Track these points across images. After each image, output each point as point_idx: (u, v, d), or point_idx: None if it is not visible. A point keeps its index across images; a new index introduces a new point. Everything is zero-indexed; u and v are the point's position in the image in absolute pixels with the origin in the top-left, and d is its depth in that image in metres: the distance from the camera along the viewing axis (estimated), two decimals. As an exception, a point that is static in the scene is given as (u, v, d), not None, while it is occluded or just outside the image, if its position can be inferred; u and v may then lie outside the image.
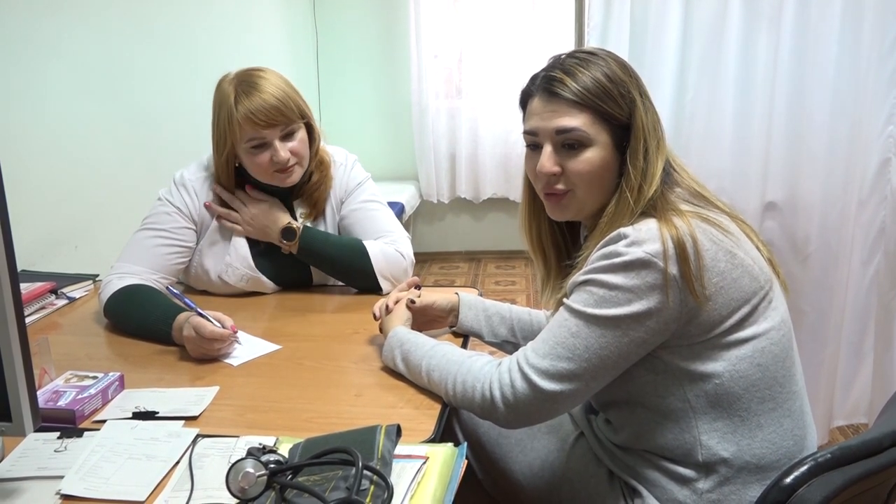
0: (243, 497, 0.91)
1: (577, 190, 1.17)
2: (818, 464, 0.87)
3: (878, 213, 2.26)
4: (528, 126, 1.20)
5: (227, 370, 1.38)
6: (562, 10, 4.03)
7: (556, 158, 1.17)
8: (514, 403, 1.11)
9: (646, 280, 1.05)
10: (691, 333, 1.08)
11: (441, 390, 1.21)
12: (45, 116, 2.15)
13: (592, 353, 1.08)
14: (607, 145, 1.15)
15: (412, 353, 1.27)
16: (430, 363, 1.23)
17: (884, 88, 2.15)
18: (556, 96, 1.15)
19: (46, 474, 1.02)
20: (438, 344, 1.27)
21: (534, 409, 1.12)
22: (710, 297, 1.06)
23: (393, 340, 1.33)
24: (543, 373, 1.09)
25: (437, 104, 4.63)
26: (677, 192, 1.17)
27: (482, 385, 1.14)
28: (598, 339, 1.07)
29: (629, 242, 1.06)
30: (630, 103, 1.15)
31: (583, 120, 1.14)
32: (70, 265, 2.05)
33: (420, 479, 0.95)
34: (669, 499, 1.13)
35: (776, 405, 1.11)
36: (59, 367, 1.32)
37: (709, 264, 1.06)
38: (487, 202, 4.79)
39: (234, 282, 1.74)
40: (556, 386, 1.09)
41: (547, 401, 1.10)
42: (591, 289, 1.09)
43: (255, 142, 1.62)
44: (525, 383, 1.10)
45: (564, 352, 1.09)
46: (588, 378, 1.09)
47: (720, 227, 1.11)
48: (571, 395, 1.10)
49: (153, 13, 2.74)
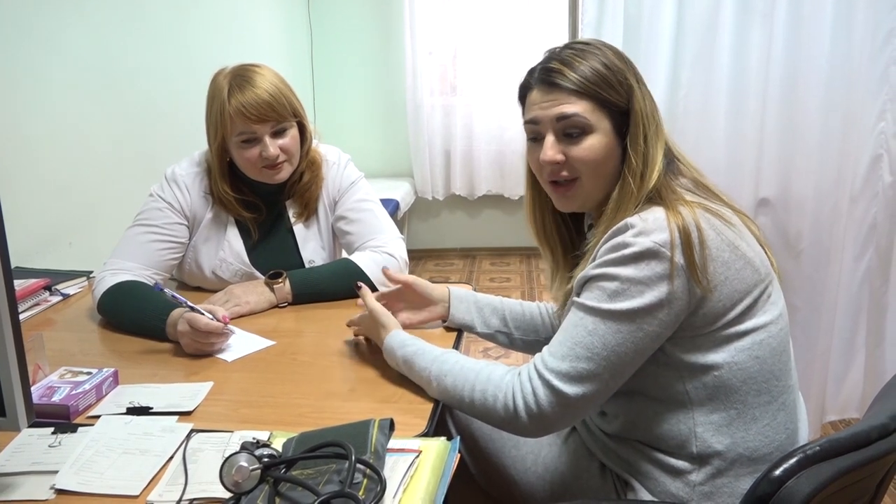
0: (237, 491, 0.91)
1: (582, 178, 1.17)
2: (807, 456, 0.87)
3: (870, 208, 2.27)
4: (528, 116, 1.20)
5: (221, 365, 1.38)
6: (556, 6, 4.03)
7: (559, 146, 1.17)
8: (538, 413, 1.08)
9: (655, 270, 1.05)
10: (695, 325, 1.09)
11: (454, 399, 1.17)
12: (39, 113, 2.15)
13: (610, 351, 1.06)
14: (608, 132, 1.16)
15: (418, 357, 1.23)
16: (442, 369, 1.19)
17: (875, 85, 2.16)
18: (555, 86, 1.15)
19: (41, 469, 1.02)
20: (446, 351, 1.23)
21: (558, 417, 1.09)
22: (715, 287, 1.07)
23: (393, 342, 1.29)
24: (564, 375, 1.07)
25: (432, 101, 4.63)
26: (681, 181, 1.17)
27: (504, 396, 1.11)
28: (615, 334, 1.06)
29: (636, 232, 1.06)
30: (628, 90, 1.16)
31: (583, 107, 1.15)
32: (64, 262, 2.05)
33: (413, 473, 0.96)
34: (662, 491, 1.13)
35: (772, 398, 1.12)
36: (54, 362, 1.32)
37: (713, 254, 1.07)
38: (482, 199, 4.79)
39: (229, 277, 1.74)
40: (579, 389, 1.07)
41: (570, 406, 1.08)
42: (603, 283, 1.08)
43: (244, 136, 1.62)
44: (547, 390, 1.08)
45: (583, 351, 1.07)
46: (608, 377, 1.08)
47: (723, 218, 1.11)
48: (593, 397, 1.08)
49: (148, 10, 2.74)
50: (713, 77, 2.19)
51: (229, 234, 1.75)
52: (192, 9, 3.11)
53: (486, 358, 3.14)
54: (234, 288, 1.65)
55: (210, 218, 1.74)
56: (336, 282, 1.68)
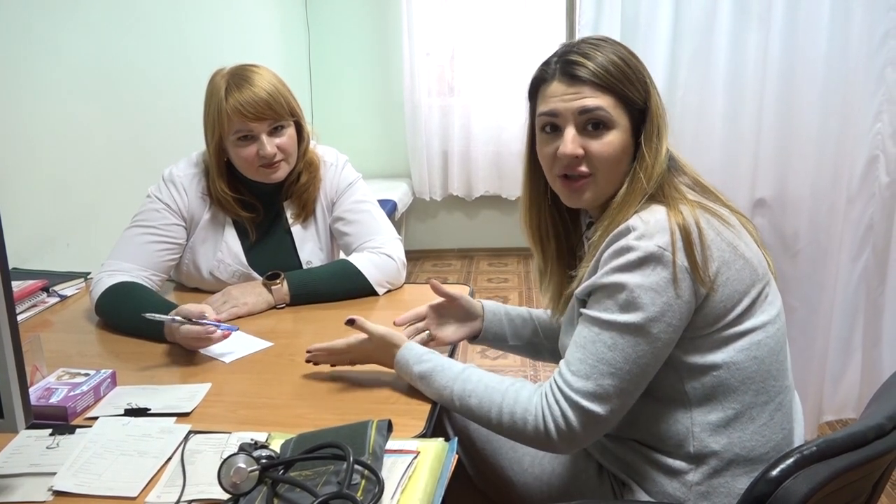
0: (235, 492, 0.92)
1: (598, 174, 1.16)
2: (804, 456, 0.87)
3: (867, 209, 2.28)
4: (546, 108, 1.17)
5: (219, 367, 1.38)
6: (553, 8, 4.03)
7: (580, 140, 1.15)
8: (569, 434, 1.08)
9: (662, 275, 1.05)
10: (697, 326, 1.09)
11: (481, 419, 1.16)
12: (37, 114, 2.15)
13: (632, 364, 1.06)
14: (626, 129, 1.15)
15: (437, 374, 1.20)
16: (465, 388, 1.16)
17: (872, 85, 2.16)
18: (578, 78, 1.14)
19: (39, 471, 1.02)
20: (467, 367, 1.21)
21: (589, 435, 1.09)
22: (718, 286, 1.07)
23: (409, 355, 1.24)
24: (591, 395, 1.06)
25: (430, 102, 4.63)
26: (683, 179, 1.17)
27: (535, 418, 1.10)
28: (634, 347, 1.06)
29: (638, 235, 1.06)
30: (646, 87, 1.16)
31: (606, 101, 1.13)
32: (62, 263, 2.05)
33: (411, 474, 0.96)
34: (659, 491, 1.14)
35: (769, 398, 1.12)
36: (51, 364, 1.32)
37: (714, 254, 1.07)
38: (480, 199, 4.79)
39: (226, 278, 1.74)
40: (607, 406, 1.06)
41: (601, 423, 1.08)
42: (613, 293, 1.07)
43: (241, 133, 1.62)
44: (577, 411, 1.07)
45: (606, 368, 1.06)
46: (631, 390, 1.08)
47: (721, 218, 1.12)
48: (621, 411, 1.09)
49: (145, 11, 2.74)
50: (710, 78, 2.19)
51: (227, 235, 1.75)
52: (190, 10, 3.11)
53: (483, 359, 3.16)
54: (232, 289, 1.65)
55: (207, 219, 1.74)
56: (334, 283, 1.68)
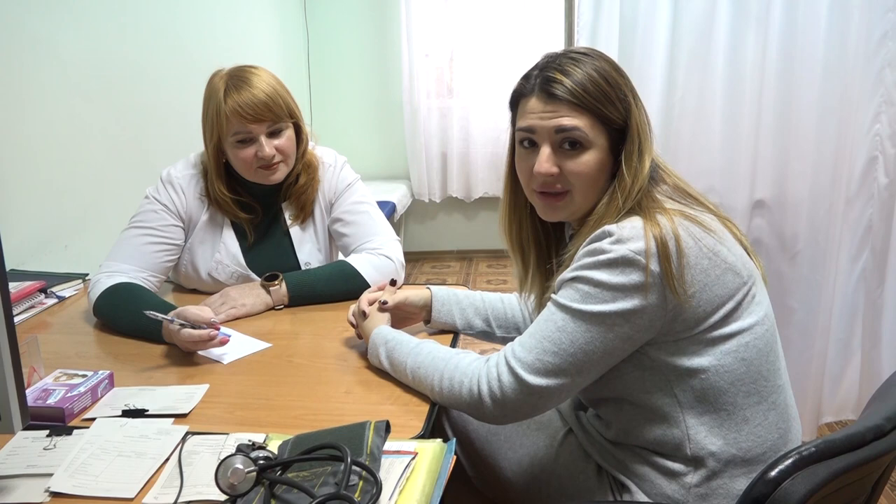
0: (233, 493, 0.91)
1: (575, 192, 1.17)
2: (802, 457, 0.87)
3: (866, 210, 2.28)
4: (524, 124, 1.19)
5: (216, 368, 1.38)
6: (552, 9, 4.03)
7: (555, 159, 1.16)
8: (502, 398, 1.11)
9: (630, 278, 1.06)
10: (676, 329, 1.09)
11: (426, 388, 1.21)
12: (35, 115, 2.15)
13: (578, 348, 1.08)
14: (604, 149, 1.16)
15: (396, 350, 1.27)
16: (416, 360, 1.23)
17: (870, 87, 2.17)
18: (555, 97, 1.14)
19: (36, 472, 1.02)
20: (423, 342, 1.27)
21: (520, 405, 1.12)
22: (693, 294, 1.07)
23: (377, 339, 1.33)
24: (529, 366, 1.10)
25: (429, 103, 4.63)
26: (662, 188, 1.18)
27: (469, 381, 1.15)
28: (584, 333, 1.08)
29: (614, 240, 1.07)
30: (626, 106, 1.16)
31: (583, 121, 1.14)
32: (59, 264, 2.05)
33: (409, 475, 0.96)
34: (658, 493, 1.14)
35: (761, 399, 1.12)
36: (49, 365, 1.32)
37: (692, 262, 1.07)
38: (479, 201, 4.79)
39: (225, 279, 1.74)
40: (542, 381, 1.09)
41: (533, 395, 1.11)
42: (578, 285, 1.10)
43: (240, 135, 1.62)
44: (512, 377, 1.11)
45: (550, 346, 1.09)
46: (573, 373, 1.10)
47: (702, 224, 1.12)
48: (557, 391, 1.11)
49: (143, 12, 2.74)
50: (709, 79, 2.19)
51: (225, 236, 1.74)
52: (189, 11, 3.11)
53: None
54: (230, 290, 1.65)
55: (206, 220, 1.74)
56: (332, 284, 1.68)
